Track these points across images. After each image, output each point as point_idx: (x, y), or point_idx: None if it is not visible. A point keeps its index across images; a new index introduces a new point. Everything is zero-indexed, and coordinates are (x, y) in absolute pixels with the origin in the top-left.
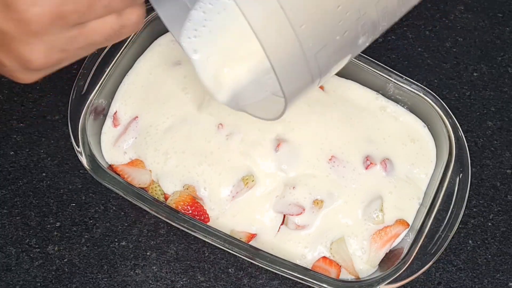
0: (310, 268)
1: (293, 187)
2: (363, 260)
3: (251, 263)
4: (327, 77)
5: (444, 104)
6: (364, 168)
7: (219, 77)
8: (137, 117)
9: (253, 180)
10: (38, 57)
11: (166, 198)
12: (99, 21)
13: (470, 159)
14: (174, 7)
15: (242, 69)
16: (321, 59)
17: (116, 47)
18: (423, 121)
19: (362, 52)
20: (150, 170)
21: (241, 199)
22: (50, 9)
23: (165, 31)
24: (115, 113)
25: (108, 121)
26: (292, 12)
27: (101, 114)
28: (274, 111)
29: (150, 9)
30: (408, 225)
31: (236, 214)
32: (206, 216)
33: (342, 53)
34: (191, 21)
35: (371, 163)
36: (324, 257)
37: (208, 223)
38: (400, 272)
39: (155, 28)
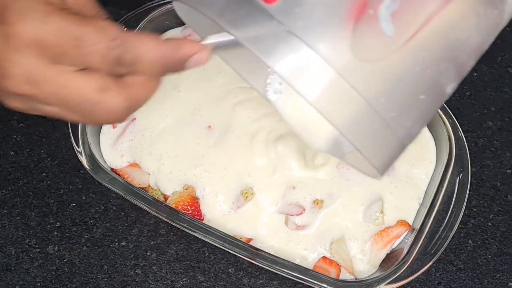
0: (311, 269)
1: (293, 187)
2: (364, 261)
3: (251, 263)
4: (418, 133)
5: (444, 104)
6: None
7: (311, 127)
8: (134, 118)
9: (252, 193)
10: (10, 76)
11: (166, 198)
12: (79, 76)
13: (470, 159)
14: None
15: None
16: (408, 123)
17: None
18: None
19: None
20: (148, 173)
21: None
22: (34, 30)
23: (165, 30)
24: None
25: None
26: (365, 89)
27: None
28: (373, 170)
29: (150, 9)
30: (410, 226)
31: (237, 219)
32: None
33: (430, 108)
34: (273, 76)
35: None
36: (324, 257)
37: (208, 224)
38: (400, 272)
39: (154, 28)
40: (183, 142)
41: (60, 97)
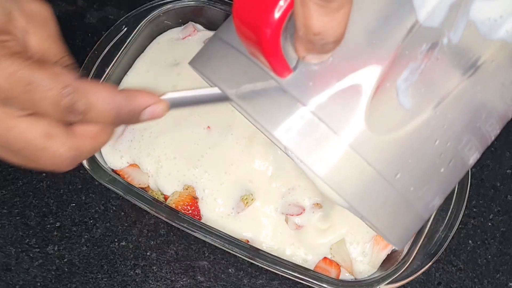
0: (311, 269)
1: (293, 189)
2: (365, 261)
3: (251, 263)
4: (437, 207)
5: None
6: None
7: None
8: None
9: (252, 199)
10: None
11: (166, 198)
12: (25, 121)
13: None
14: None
15: None
16: (427, 196)
17: (115, 47)
18: None
19: None
20: (148, 174)
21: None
22: None
23: (165, 30)
24: None
25: None
26: (380, 164)
27: None
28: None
29: (149, 9)
30: None
31: (237, 220)
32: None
33: (452, 180)
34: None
35: None
36: (325, 258)
37: (208, 224)
38: (400, 272)
39: (154, 27)
40: (181, 143)
41: (3, 140)
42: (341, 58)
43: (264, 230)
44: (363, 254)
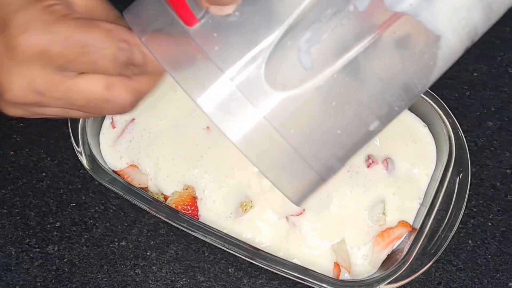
0: (311, 269)
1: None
2: (365, 261)
3: (251, 263)
4: (340, 169)
5: (444, 104)
6: (366, 167)
7: None
8: (134, 119)
9: (251, 206)
10: (14, 88)
11: (166, 198)
12: (84, 78)
13: (470, 159)
14: None
15: None
16: (324, 156)
17: None
18: (423, 121)
19: None
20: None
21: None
22: (38, 42)
23: None
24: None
25: (107, 122)
26: (275, 118)
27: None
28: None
29: None
30: (411, 227)
31: (236, 221)
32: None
33: (350, 143)
34: None
35: (372, 161)
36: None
37: (208, 223)
38: (400, 272)
39: None
40: (180, 143)
41: (68, 101)
42: (248, 13)
43: (263, 233)
44: (363, 255)
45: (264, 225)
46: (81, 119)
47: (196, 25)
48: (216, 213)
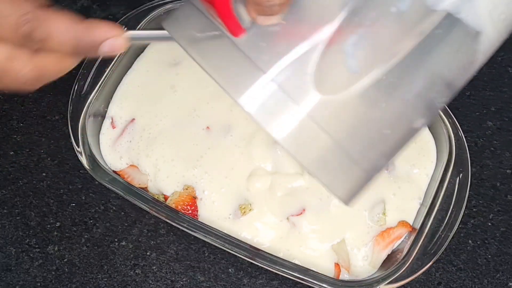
0: (311, 269)
1: (293, 190)
2: (365, 261)
3: (251, 263)
4: (385, 166)
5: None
6: None
7: None
8: (134, 119)
9: (250, 209)
10: None
11: (166, 198)
12: None
13: (470, 159)
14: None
15: None
16: (373, 156)
17: None
18: None
19: None
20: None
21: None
22: None
23: (164, 29)
24: (112, 115)
25: (107, 122)
26: (326, 122)
27: (99, 115)
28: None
29: (150, 9)
30: (411, 227)
31: (236, 222)
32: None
33: (397, 141)
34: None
35: None
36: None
37: (209, 224)
38: (400, 272)
39: (154, 27)
40: (180, 143)
41: None
42: (293, 21)
43: (262, 235)
44: (363, 255)
45: (263, 227)
46: (80, 121)
47: (243, 35)
48: (215, 213)
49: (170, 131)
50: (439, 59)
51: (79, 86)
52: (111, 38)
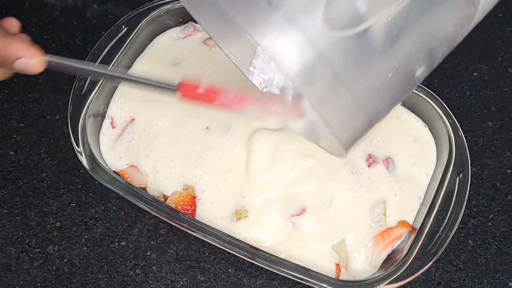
0: (311, 269)
1: (293, 190)
2: (365, 261)
3: (251, 263)
4: (386, 114)
5: (444, 104)
6: (367, 166)
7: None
8: (133, 119)
9: (246, 216)
10: None
11: (166, 198)
12: None
13: (470, 159)
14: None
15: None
16: (375, 99)
17: (115, 47)
18: (423, 121)
19: None
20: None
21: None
22: None
23: (165, 29)
24: (112, 115)
25: (107, 122)
26: (333, 58)
27: (99, 115)
28: (339, 150)
29: (150, 9)
30: (411, 227)
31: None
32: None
33: (399, 88)
34: (258, 57)
35: (373, 161)
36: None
37: (208, 224)
38: (400, 272)
39: (154, 27)
40: (180, 144)
41: None
42: None
43: (263, 229)
44: (364, 255)
45: (261, 231)
46: (80, 121)
47: None
48: (212, 213)
49: (170, 131)
50: (443, 11)
51: (79, 86)
52: (24, 58)
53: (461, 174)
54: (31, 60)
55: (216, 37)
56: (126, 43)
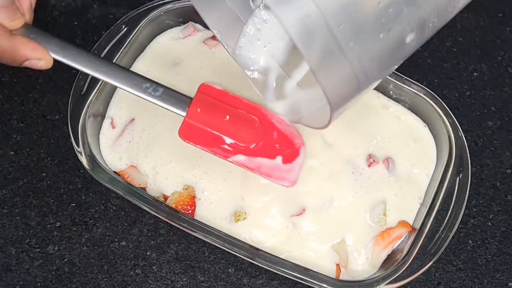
0: (311, 269)
1: (293, 190)
2: (365, 261)
3: (251, 263)
4: (375, 80)
5: (444, 104)
6: (367, 166)
7: (276, 91)
8: (134, 119)
9: (244, 218)
10: None
11: (166, 198)
12: None
13: (470, 159)
14: (223, 17)
15: (297, 81)
16: (365, 58)
17: (115, 47)
18: (423, 121)
19: None
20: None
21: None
22: None
23: (164, 29)
24: (112, 115)
25: (107, 122)
26: (328, 12)
27: (99, 115)
28: (323, 120)
29: (150, 9)
30: (411, 227)
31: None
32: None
33: (389, 53)
34: (245, 36)
35: (374, 161)
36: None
37: (208, 224)
38: (400, 272)
39: (154, 27)
40: (179, 144)
41: None
42: None
43: (263, 229)
44: (364, 255)
45: (261, 232)
46: (80, 121)
47: None
48: (212, 213)
49: (170, 132)
50: None
51: (79, 86)
52: (33, 59)
53: (461, 174)
54: (39, 61)
55: (220, 34)
56: (126, 43)
